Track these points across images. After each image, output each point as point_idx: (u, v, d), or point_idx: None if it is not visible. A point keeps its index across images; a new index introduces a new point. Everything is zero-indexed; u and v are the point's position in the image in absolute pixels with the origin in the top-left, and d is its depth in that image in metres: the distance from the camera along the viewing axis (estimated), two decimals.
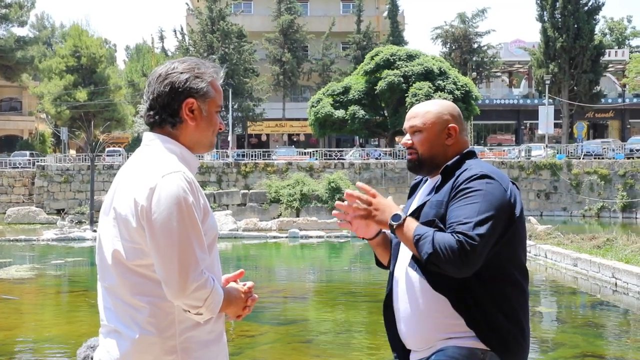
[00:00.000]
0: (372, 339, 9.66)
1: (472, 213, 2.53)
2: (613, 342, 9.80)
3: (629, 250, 14.93)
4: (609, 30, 73.02)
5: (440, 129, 2.83)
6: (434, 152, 2.83)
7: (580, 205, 36.60)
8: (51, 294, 14.52)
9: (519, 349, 2.65)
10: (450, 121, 2.84)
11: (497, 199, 2.58)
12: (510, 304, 2.64)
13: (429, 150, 2.83)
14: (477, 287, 2.61)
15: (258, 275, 16.61)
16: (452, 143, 2.83)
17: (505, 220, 2.60)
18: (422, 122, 2.84)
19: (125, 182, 2.36)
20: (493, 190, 2.60)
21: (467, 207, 2.56)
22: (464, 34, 60.85)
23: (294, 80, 58.05)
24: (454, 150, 2.83)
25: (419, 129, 2.85)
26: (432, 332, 2.67)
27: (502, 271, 2.64)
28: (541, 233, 20.06)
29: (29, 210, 33.51)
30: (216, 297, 2.29)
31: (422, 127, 2.84)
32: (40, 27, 70.14)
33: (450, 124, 2.84)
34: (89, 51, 51.12)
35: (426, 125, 2.84)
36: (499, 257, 2.62)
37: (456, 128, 2.84)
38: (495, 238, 2.55)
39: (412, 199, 2.99)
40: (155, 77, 2.45)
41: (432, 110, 2.86)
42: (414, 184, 3.05)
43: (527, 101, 60.94)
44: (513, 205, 2.64)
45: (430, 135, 2.83)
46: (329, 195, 33.36)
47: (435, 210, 2.67)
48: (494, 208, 2.56)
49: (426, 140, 2.84)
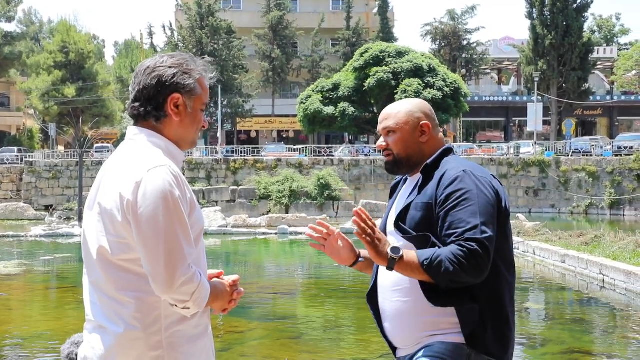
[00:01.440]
0: (361, 335, 9.67)
1: (472, 216, 2.53)
2: (600, 338, 9.86)
3: (616, 247, 15.01)
4: (597, 27, 73.27)
5: (412, 128, 2.83)
6: (410, 151, 2.83)
7: (568, 203, 36.75)
8: (39, 290, 14.47)
9: (505, 342, 2.66)
10: (422, 119, 2.85)
11: (488, 195, 2.59)
12: (496, 297, 2.64)
13: (404, 150, 2.84)
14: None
15: (247, 271, 16.60)
16: (427, 140, 2.83)
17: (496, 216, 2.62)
18: (394, 122, 2.85)
19: (110, 177, 2.34)
20: (481, 186, 2.60)
21: (465, 211, 2.55)
22: (453, 31, 60.95)
23: (284, 76, 57.98)
24: (429, 147, 2.83)
25: (392, 129, 2.85)
26: (417, 330, 2.67)
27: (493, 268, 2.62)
28: (529, 230, 20.14)
29: (17, 207, 33.36)
30: (203, 291, 2.28)
31: (395, 127, 2.85)
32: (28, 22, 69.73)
33: (422, 121, 2.84)
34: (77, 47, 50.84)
35: (399, 125, 2.84)
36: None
37: (429, 125, 2.84)
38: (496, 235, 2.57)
39: (393, 199, 2.98)
40: (143, 69, 2.44)
41: (403, 110, 2.86)
42: (394, 184, 3.05)
43: (516, 98, 61.11)
44: (495, 200, 2.64)
45: (404, 135, 2.84)
46: (319, 191, 33.39)
47: (422, 212, 2.65)
48: (488, 205, 2.57)
49: (400, 140, 2.84)
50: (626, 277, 12.35)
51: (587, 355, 8.68)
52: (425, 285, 2.60)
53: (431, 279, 2.52)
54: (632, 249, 14.55)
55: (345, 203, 34.03)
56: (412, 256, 2.54)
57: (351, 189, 36.39)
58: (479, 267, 2.47)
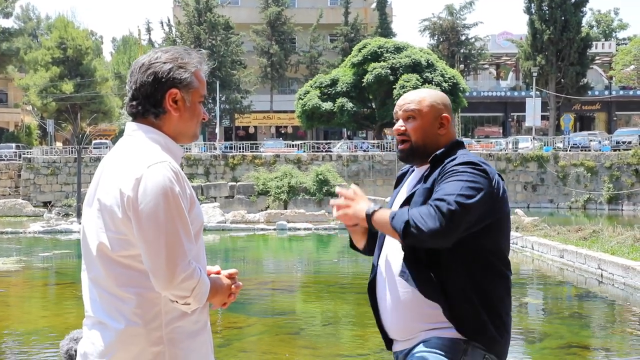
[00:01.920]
0: (360, 330, 9.69)
1: (456, 188, 2.52)
2: (598, 332, 9.88)
3: (614, 241, 15.03)
4: (596, 22, 73.26)
5: (434, 118, 2.81)
6: (427, 140, 2.80)
7: (566, 197, 36.78)
8: (38, 286, 14.47)
9: (500, 338, 2.65)
10: (443, 111, 2.83)
11: (482, 184, 2.58)
12: (493, 295, 2.65)
13: (422, 139, 2.80)
14: (459, 278, 2.61)
15: (246, 267, 16.60)
16: (444, 133, 2.82)
17: (488, 207, 2.58)
18: (417, 108, 2.82)
19: (109, 173, 2.34)
20: (479, 175, 2.60)
21: (452, 184, 2.55)
22: (451, 26, 60.90)
23: (282, 72, 57.93)
24: (445, 140, 2.82)
25: (413, 115, 2.81)
26: (413, 322, 2.68)
27: (486, 262, 2.65)
28: (528, 225, 20.15)
29: (15, 203, 33.32)
30: (203, 287, 2.29)
31: (417, 113, 2.81)
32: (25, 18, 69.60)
33: (443, 113, 2.83)
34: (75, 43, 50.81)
35: (422, 112, 2.81)
36: (483, 248, 2.63)
37: (449, 118, 2.84)
38: (475, 217, 2.53)
39: (398, 189, 2.98)
40: (138, 67, 2.43)
41: (427, 98, 2.84)
42: (400, 174, 3.03)
43: (514, 93, 61.11)
44: (498, 196, 2.63)
45: (424, 123, 2.81)
46: (317, 187, 33.36)
47: (423, 197, 2.66)
48: (478, 189, 2.55)
49: (420, 128, 2.81)
50: (624, 271, 12.37)
51: (585, 350, 8.70)
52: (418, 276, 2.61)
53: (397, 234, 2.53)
54: (630, 243, 14.57)
55: None
56: (386, 212, 2.60)
57: (349, 184, 36.28)
58: (440, 229, 2.43)
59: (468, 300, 2.60)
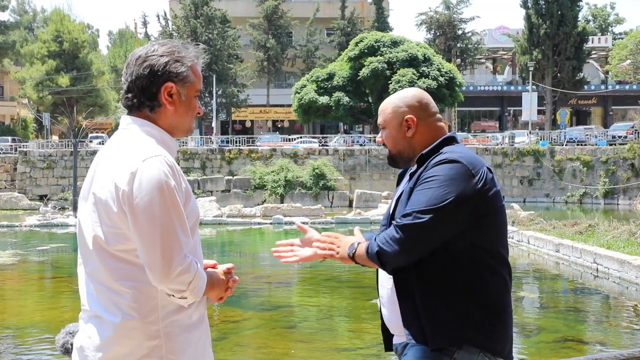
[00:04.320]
0: (356, 324, 9.71)
1: (423, 200, 2.54)
2: (594, 326, 9.91)
3: (610, 236, 15.07)
4: (592, 17, 73.30)
5: (398, 124, 2.80)
6: (399, 147, 2.82)
7: (562, 192, 36.84)
8: (34, 280, 14.47)
9: (497, 338, 2.62)
10: (406, 112, 2.79)
11: (457, 185, 2.53)
12: (488, 294, 2.61)
13: (393, 146, 2.83)
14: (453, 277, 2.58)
15: (242, 261, 16.62)
16: (413, 134, 2.78)
17: (467, 206, 2.54)
18: (382, 119, 2.86)
19: (104, 167, 2.33)
20: (455, 175, 2.55)
21: (422, 194, 2.57)
22: (448, 20, 60.88)
23: (278, 66, 57.87)
24: (418, 140, 2.78)
25: (382, 126, 2.87)
26: None
27: (478, 260, 2.60)
28: (524, 219, 20.19)
29: (11, 196, 33.30)
30: (200, 280, 2.29)
31: (384, 124, 2.86)
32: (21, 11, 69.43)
33: (406, 115, 2.78)
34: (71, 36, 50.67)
35: (386, 122, 2.84)
36: (474, 246, 2.59)
37: (413, 118, 2.78)
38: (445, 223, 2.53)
39: (399, 187, 2.98)
40: (135, 59, 2.41)
41: (389, 106, 2.84)
42: (401, 171, 3.01)
43: (510, 88, 61.09)
44: (480, 192, 2.57)
45: (391, 132, 2.83)
46: (314, 181, 33.39)
47: (407, 196, 2.66)
48: (450, 194, 2.52)
49: (389, 137, 2.84)
50: (620, 265, 12.41)
51: (580, 344, 8.72)
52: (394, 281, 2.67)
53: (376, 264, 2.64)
54: (625, 237, 14.62)
55: (340, 193, 34.04)
56: (362, 248, 2.68)
57: (346, 178, 36.39)
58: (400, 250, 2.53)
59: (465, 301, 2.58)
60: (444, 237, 2.55)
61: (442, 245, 2.55)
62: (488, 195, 2.60)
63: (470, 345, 2.58)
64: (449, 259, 2.58)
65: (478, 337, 2.59)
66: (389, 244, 2.55)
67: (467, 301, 2.58)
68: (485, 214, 2.60)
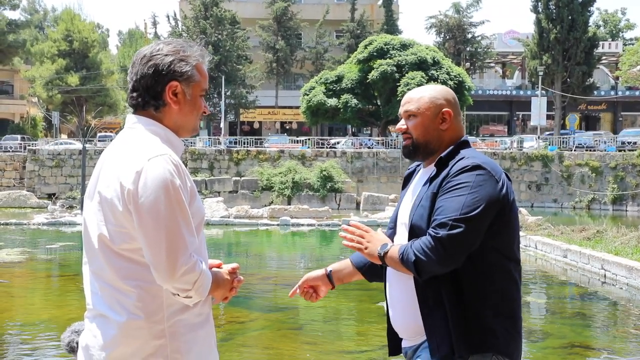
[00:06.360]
0: (362, 327, 9.69)
1: (456, 208, 2.53)
2: (601, 333, 9.87)
3: (618, 242, 15.01)
4: (603, 22, 73.05)
5: (434, 114, 2.80)
6: (428, 137, 2.80)
7: (571, 197, 36.72)
8: (41, 278, 14.51)
9: (511, 341, 2.63)
10: (444, 105, 2.81)
11: (486, 192, 2.56)
12: (504, 297, 2.63)
13: (423, 135, 2.81)
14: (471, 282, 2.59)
15: (249, 262, 16.62)
16: (447, 128, 2.80)
17: (494, 212, 2.57)
18: (416, 107, 2.82)
19: (110, 166, 2.33)
20: (483, 182, 2.58)
21: (453, 200, 2.55)
22: (458, 23, 60.78)
23: (287, 68, 57.89)
24: (448, 135, 2.81)
25: (413, 113, 2.82)
26: (419, 320, 2.66)
27: (497, 264, 2.63)
28: (532, 224, 20.13)
29: (20, 194, 33.41)
30: (205, 280, 2.29)
31: (416, 111, 2.82)
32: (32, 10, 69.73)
33: (444, 108, 2.81)
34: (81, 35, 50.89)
35: (420, 110, 2.81)
36: (492, 250, 2.61)
37: (450, 112, 2.81)
38: (479, 230, 2.54)
39: (405, 189, 2.96)
40: (140, 58, 2.41)
41: (426, 95, 2.83)
42: (407, 173, 3.01)
43: (520, 92, 60.96)
44: (504, 197, 2.61)
45: (424, 120, 2.81)
46: (321, 183, 33.39)
47: (429, 202, 2.65)
48: (481, 201, 2.54)
49: (420, 125, 2.81)
50: (628, 272, 12.35)
51: (587, 350, 8.69)
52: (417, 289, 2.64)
53: (408, 271, 2.59)
54: (634, 244, 14.54)
55: (348, 195, 34.03)
56: (395, 251, 2.63)
57: (353, 181, 36.36)
58: (445, 257, 2.51)
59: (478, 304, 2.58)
60: (475, 245, 2.56)
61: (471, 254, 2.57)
62: (509, 201, 2.64)
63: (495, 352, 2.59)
64: (478, 267, 2.60)
65: (498, 343, 2.60)
66: (426, 254, 2.52)
67: (494, 309, 2.60)
68: (507, 220, 2.64)
